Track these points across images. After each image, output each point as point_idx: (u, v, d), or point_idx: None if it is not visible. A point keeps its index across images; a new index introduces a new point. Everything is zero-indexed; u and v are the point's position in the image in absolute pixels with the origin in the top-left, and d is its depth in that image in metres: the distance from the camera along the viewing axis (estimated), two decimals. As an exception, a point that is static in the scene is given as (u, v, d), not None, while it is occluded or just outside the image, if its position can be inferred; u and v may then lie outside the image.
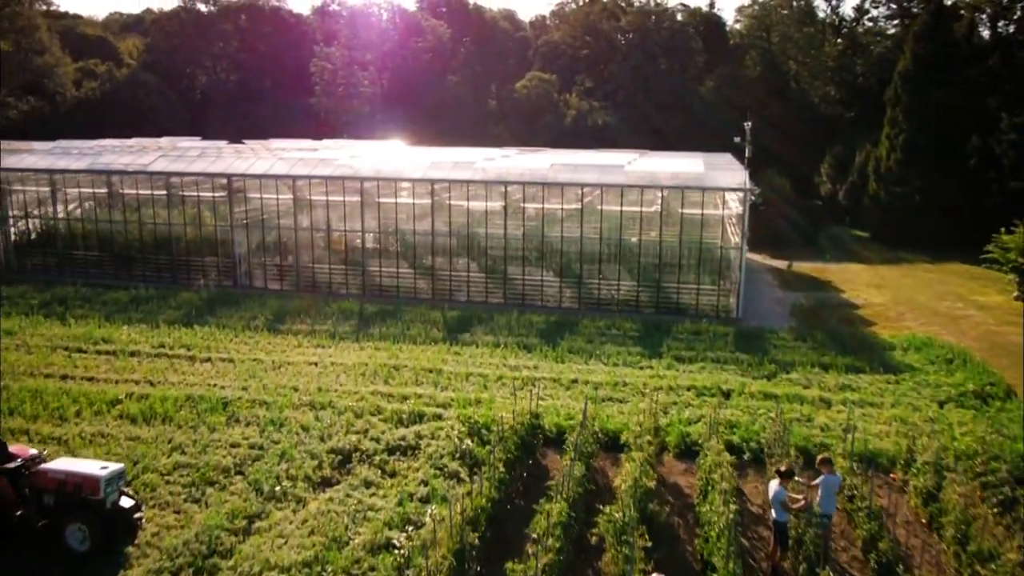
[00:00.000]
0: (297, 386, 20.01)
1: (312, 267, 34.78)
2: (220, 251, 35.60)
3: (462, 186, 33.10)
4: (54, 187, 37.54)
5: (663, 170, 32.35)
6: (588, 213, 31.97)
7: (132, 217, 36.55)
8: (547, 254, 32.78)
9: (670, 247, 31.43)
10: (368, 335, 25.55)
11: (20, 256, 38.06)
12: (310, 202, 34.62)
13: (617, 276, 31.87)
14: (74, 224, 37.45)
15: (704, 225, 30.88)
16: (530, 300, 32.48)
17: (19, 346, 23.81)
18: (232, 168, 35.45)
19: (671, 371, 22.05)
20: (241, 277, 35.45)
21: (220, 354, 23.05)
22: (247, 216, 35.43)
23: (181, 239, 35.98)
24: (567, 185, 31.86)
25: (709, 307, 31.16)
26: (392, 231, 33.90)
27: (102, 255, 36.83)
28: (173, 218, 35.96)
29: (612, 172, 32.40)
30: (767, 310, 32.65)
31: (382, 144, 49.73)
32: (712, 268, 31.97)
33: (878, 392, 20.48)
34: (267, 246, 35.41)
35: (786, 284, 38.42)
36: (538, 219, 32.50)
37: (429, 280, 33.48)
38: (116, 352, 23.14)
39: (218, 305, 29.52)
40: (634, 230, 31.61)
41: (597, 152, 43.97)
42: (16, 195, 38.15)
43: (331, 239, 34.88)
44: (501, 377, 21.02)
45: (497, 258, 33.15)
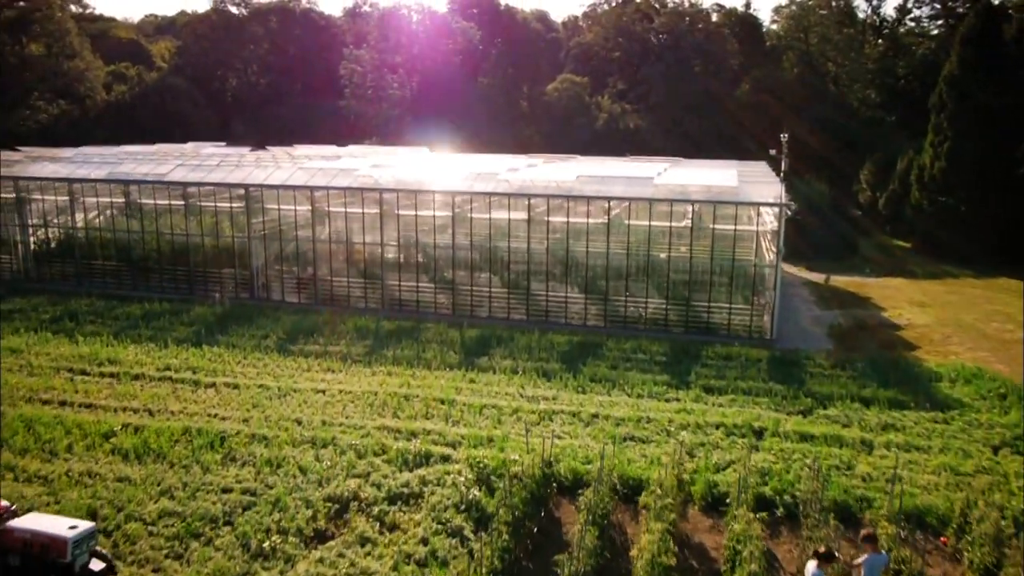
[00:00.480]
0: (301, 418, 18.95)
1: (331, 280, 33.84)
2: (238, 263, 34.85)
3: (484, 198, 31.94)
4: (73, 196, 37.04)
5: (694, 182, 30.86)
6: (615, 227, 30.61)
7: (150, 227, 35.96)
8: (572, 269, 31.48)
9: (701, 264, 29.96)
10: (382, 357, 24.44)
11: (39, 265, 37.67)
12: (328, 213, 33.70)
13: (645, 293, 30.46)
14: (92, 234, 36.95)
15: (737, 241, 29.36)
16: (554, 317, 31.21)
17: (22, 367, 23.11)
18: (250, 178, 34.63)
19: (699, 404, 20.62)
20: (258, 290, 34.64)
21: (226, 378, 22.10)
22: (265, 227, 34.62)
23: (198, 250, 35.29)
24: (593, 198, 30.51)
25: (741, 327, 29.64)
26: (412, 244, 32.82)
27: (120, 265, 36.31)
28: (190, 228, 35.24)
29: (641, 184, 30.99)
30: (803, 330, 31.02)
31: (406, 151, 48.77)
32: (745, 286, 30.43)
33: (925, 433, 18.85)
34: (285, 258, 34.58)
35: (823, 300, 36.67)
36: (563, 233, 31.19)
37: (450, 295, 32.35)
38: (120, 375, 22.31)
39: (231, 322, 28.65)
40: (663, 245, 30.17)
41: (626, 161, 42.54)
42: (36, 204, 37.74)
43: (350, 252, 33.90)
44: (517, 410, 19.77)
45: (520, 273, 31.92)
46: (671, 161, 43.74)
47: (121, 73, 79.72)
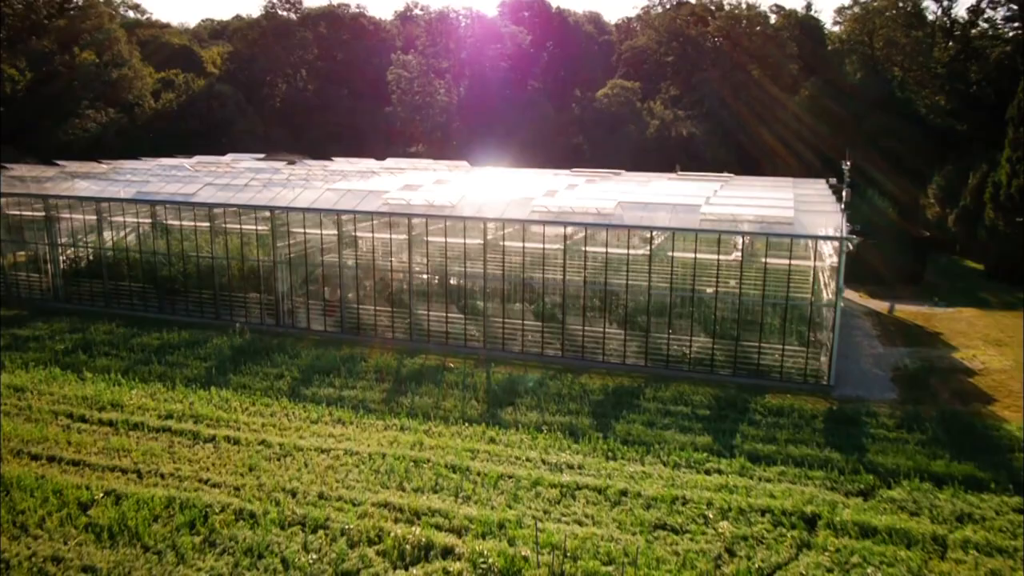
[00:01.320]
0: (297, 488, 17.22)
1: (357, 307, 32.27)
2: (263, 287, 33.56)
3: (517, 226, 29.93)
4: (100, 215, 36.23)
5: (745, 211, 28.33)
6: (657, 258, 28.31)
7: (176, 249, 34.94)
8: (610, 303, 29.29)
9: (751, 300, 27.48)
10: (398, 406, 22.64)
11: (68, 284, 36.99)
12: (355, 238, 32.11)
13: (689, 331, 28.08)
14: (119, 254, 36.10)
15: (792, 277, 26.79)
16: (590, 354, 29.07)
17: (22, 410, 21.95)
18: (276, 200, 33.25)
19: (744, 478, 18.27)
20: (284, 315, 33.27)
21: (228, 430, 20.56)
22: (291, 251, 33.21)
23: (224, 273, 34.12)
24: (634, 228, 28.25)
25: (795, 371, 27.07)
26: (441, 272, 31.01)
27: (146, 287, 35.37)
28: (216, 251, 34.06)
29: (686, 213, 28.60)
30: (863, 373, 28.28)
31: (444, 167, 47.01)
32: (800, 326, 27.84)
33: (1009, 529, 16.19)
34: (311, 283, 33.12)
35: (886, 335, 33.74)
36: (601, 263, 29.01)
37: (480, 326, 30.47)
38: (118, 424, 20.94)
39: (247, 357, 27.22)
40: (710, 279, 27.78)
41: (674, 179, 40.06)
42: (64, 222, 37.04)
43: (377, 278, 32.26)
44: (537, 482, 17.71)
45: (555, 305, 29.86)
46: (722, 179, 41.10)
47: (170, 80, 79.81)
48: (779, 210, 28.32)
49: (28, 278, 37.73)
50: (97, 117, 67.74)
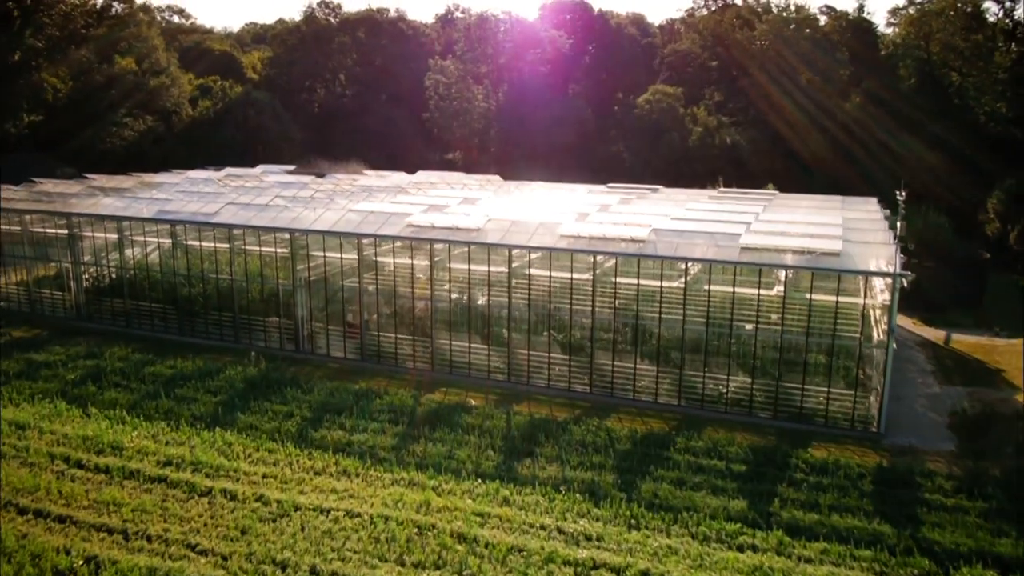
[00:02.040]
0: (288, 560, 15.85)
1: (377, 335, 31.00)
2: (283, 312, 32.49)
3: (543, 254, 28.31)
4: (121, 234, 35.57)
5: (789, 243, 26.32)
6: (693, 291, 26.47)
7: (196, 270, 34.06)
8: (642, 337, 27.52)
9: (794, 339, 25.51)
10: (409, 455, 21.22)
11: (90, 303, 36.43)
12: (376, 263, 30.81)
13: (727, 369, 26.19)
14: (140, 273, 35.39)
15: (839, 315, 24.72)
16: (620, 391, 27.35)
17: (19, 452, 21.05)
18: (296, 222, 32.13)
19: (782, 558, 16.41)
20: (303, 341, 32.15)
21: (227, 481, 19.35)
22: (310, 274, 32.06)
23: (243, 295, 33.15)
24: (668, 258, 26.42)
25: (841, 415, 25.04)
26: (464, 300, 29.53)
27: (166, 308, 34.59)
28: (235, 273, 33.08)
29: (725, 242, 26.68)
30: (917, 417, 26.11)
31: (475, 181, 45.56)
32: (847, 366, 25.78)
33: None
34: (331, 309, 31.94)
35: (943, 371, 31.38)
36: (632, 295, 27.26)
37: (505, 358, 28.95)
38: (114, 472, 19.88)
39: (258, 391, 26.10)
40: (749, 315, 25.86)
41: (715, 198, 38.00)
42: (87, 240, 36.46)
43: (397, 305, 30.93)
44: (550, 558, 16.06)
45: (583, 339, 28.19)
46: (765, 198, 38.95)
47: (208, 87, 79.85)
48: (826, 240, 26.27)
49: (52, 296, 37.29)
50: (135, 125, 67.83)
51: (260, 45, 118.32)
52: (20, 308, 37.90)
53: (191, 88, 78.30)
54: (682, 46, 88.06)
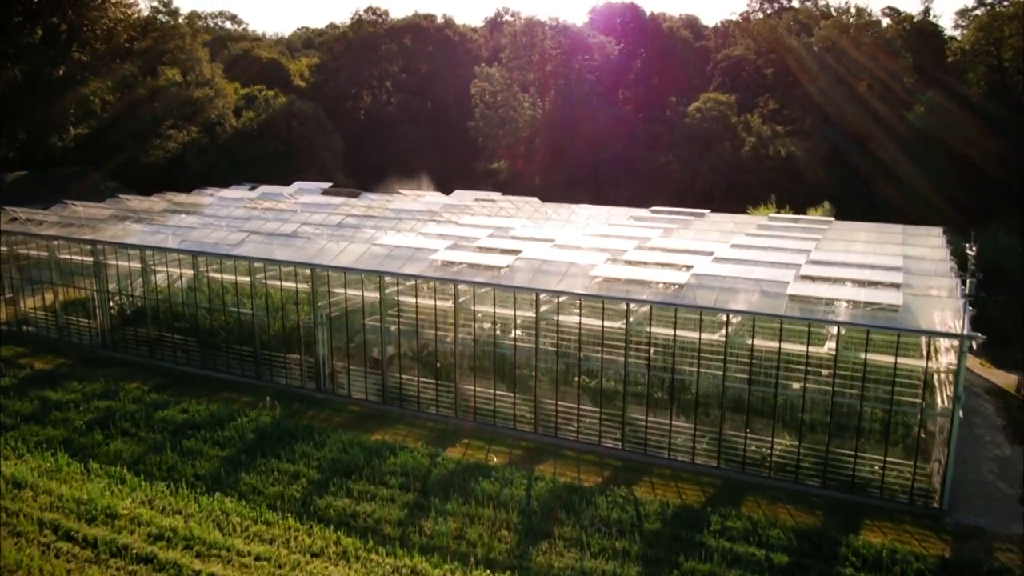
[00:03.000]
0: None
1: (399, 377, 29.45)
2: (304, 348, 31.22)
3: (573, 300, 26.37)
4: (145, 263, 34.75)
5: (843, 294, 23.92)
6: (735, 346, 24.27)
7: (217, 302, 33.04)
8: (678, 392, 25.42)
9: (846, 402, 23.15)
10: (416, 531, 19.57)
11: (115, 331, 35.75)
12: (398, 303, 29.26)
13: (771, 431, 23.94)
14: (163, 303, 34.53)
15: (897, 376, 22.30)
16: (655, 449, 25.33)
17: (10, 517, 20.02)
18: (318, 257, 30.81)
19: None
20: (324, 380, 30.83)
21: (217, 564, 17.97)
22: (331, 309, 30.69)
23: (264, 330, 31.98)
24: (708, 310, 24.26)
25: (899, 487, 22.61)
26: (489, 345, 27.77)
27: (188, 340, 33.68)
28: (256, 308, 31.92)
29: (772, 290, 24.42)
30: (985, 488, 23.54)
31: (511, 204, 43.75)
32: (906, 433, 23.34)
33: None
34: (353, 348, 30.52)
35: (1013, 425, 28.56)
36: (668, 347, 25.17)
37: (532, 407, 27.13)
38: (102, 546, 18.68)
39: (267, 445, 24.80)
40: (797, 374, 23.58)
41: (763, 232, 35.48)
42: (112, 268, 35.76)
43: (420, 347, 29.36)
44: None
45: (614, 392, 26.20)
46: (819, 227, 36.27)
47: (253, 96, 79.60)
48: (884, 291, 23.82)
49: (78, 323, 36.75)
50: (178, 137, 67.75)
51: (309, 51, 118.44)
52: (48, 334, 37.50)
53: (236, 98, 78.14)
54: (736, 52, 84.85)
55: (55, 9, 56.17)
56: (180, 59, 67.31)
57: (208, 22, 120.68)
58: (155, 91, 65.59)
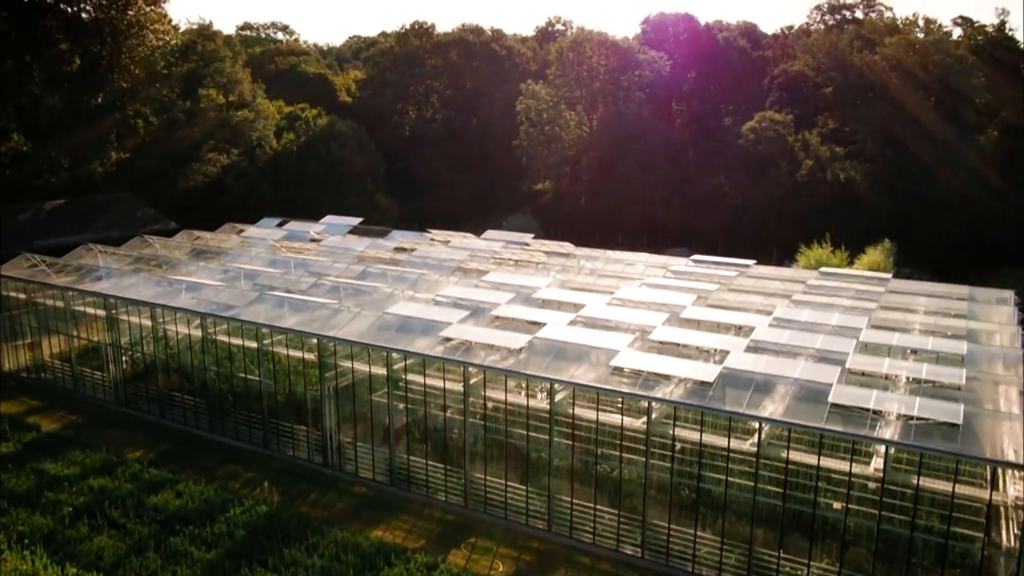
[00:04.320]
0: None
1: (408, 459, 27.54)
2: (311, 421, 29.56)
3: (586, 393, 24.03)
4: (155, 321, 33.56)
5: (892, 404, 21.06)
6: (768, 456, 21.64)
7: (225, 366, 31.61)
8: (704, 501, 22.87)
9: (894, 531, 20.31)
10: None
11: (127, 386, 34.81)
12: (406, 382, 27.31)
13: (807, 555, 21.25)
14: (172, 362, 33.33)
15: (955, 507, 19.42)
16: (677, 560, 22.91)
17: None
18: (325, 326, 29.09)
19: None
20: (331, 455, 29.14)
21: None
22: (338, 381, 28.92)
23: (272, 398, 30.44)
24: (736, 415, 21.67)
25: (955, 629, 19.72)
26: (500, 434, 25.62)
27: (198, 402, 32.46)
28: (264, 375, 30.40)
29: (812, 393, 21.71)
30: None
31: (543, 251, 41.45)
32: (965, 569, 20.38)
33: None
34: (360, 425, 28.70)
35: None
36: (693, 451, 22.66)
37: (546, 503, 24.90)
38: None
39: (255, 546, 23.12)
40: (837, 493, 20.86)
41: (814, 295, 32.48)
42: (122, 324, 34.71)
43: (429, 430, 27.35)
44: None
45: (634, 495, 23.78)
46: (875, 288, 33.09)
47: (296, 115, 78.93)
48: (941, 403, 20.86)
49: (93, 375, 35.89)
50: (218, 159, 67.25)
51: (359, 61, 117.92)
52: (64, 384, 36.84)
53: (278, 118, 77.53)
54: (794, 67, 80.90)
55: (93, 37, 55.85)
56: (220, 82, 66.70)
57: (260, 33, 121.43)
58: (194, 115, 65.16)
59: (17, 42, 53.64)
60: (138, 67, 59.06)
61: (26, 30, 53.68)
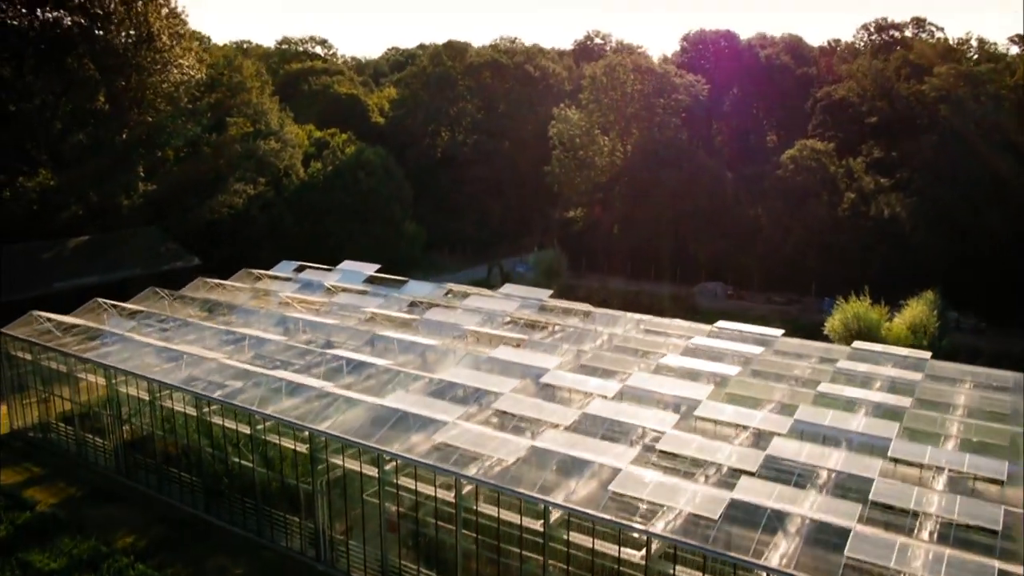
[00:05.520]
0: None
1: (400, 563, 26.10)
2: (303, 513, 28.33)
3: (586, 521, 22.27)
4: (152, 396, 32.65)
5: (917, 564, 18.91)
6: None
7: (220, 449, 30.57)
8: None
9: None
10: None
11: (127, 456, 34.14)
12: (397, 485, 25.84)
13: None
14: (169, 437, 32.42)
15: None
16: None
17: None
18: (319, 416, 27.92)
19: None
20: (325, 549, 27.95)
21: None
22: (330, 475, 27.63)
23: (265, 485, 29.29)
24: (744, 564, 19.71)
25: None
26: (492, 550, 24.02)
27: (194, 480, 31.53)
28: (257, 462, 29.27)
29: (828, 535, 19.69)
30: None
31: (558, 316, 39.65)
32: None
33: None
34: (351, 523, 27.36)
35: None
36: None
37: (541, 627, 23.25)
38: None
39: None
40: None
41: (844, 386, 30.18)
42: (122, 394, 33.91)
43: (419, 537, 25.86)
44: None
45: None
46: (911, 384, 30.62)
47: (325, 142, 78.20)
48: (975, 564, 18.66)
49: (95, 441, 35.29)
50: (244, 190, 66.68)
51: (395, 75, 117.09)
52: (68, 447, 36.49)
53: (307, 145, 76.85)
54: (838, 93, 77.59)
55: (117, 75, 55.54)
56: (247, 113, 66.11)
57: (298, 47, 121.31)
58: (220, 147, 64.65)
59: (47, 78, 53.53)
60: (162, 102, 58.62)
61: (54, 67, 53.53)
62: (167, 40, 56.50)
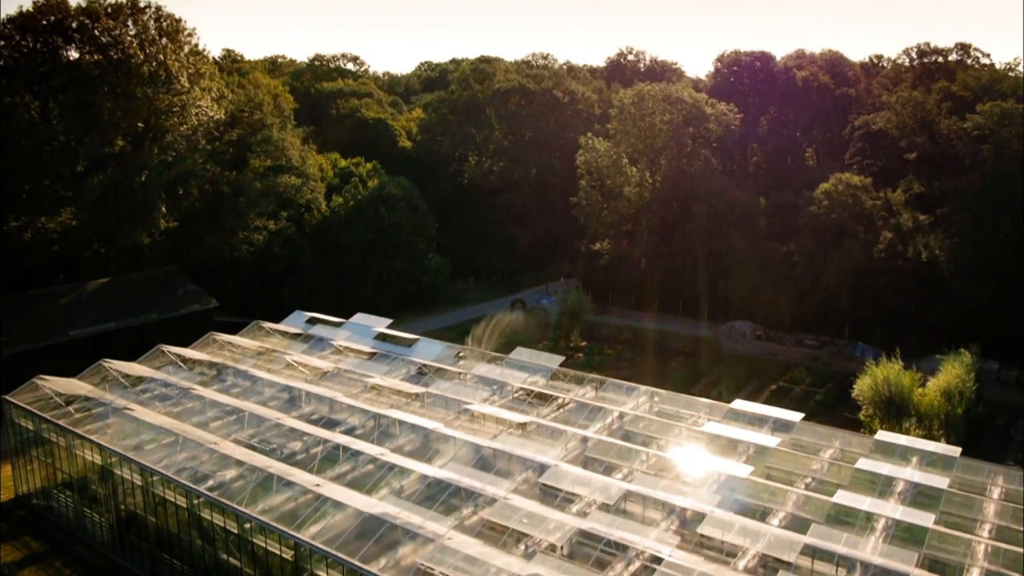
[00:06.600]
0: None
1: None
2: (292, 620, 27.33)
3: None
4: (145, 480, 31.98)
5: None
6: None
7: (209, 539, 29.74)
8: None
9: None
10: None
11: (122, 536, 33.57)
12: (381, 605, 24.69)
13: None
14: (161, 522, 31.71)
15: None
16: None
17: None
18: (303, 524, 26.84)
19: None
20: (311, 657, 26.79)
21: None
22: (320, 585, 26.56)
23: (254, 586, 28.38)
24: None
25: None
26: None
27: (185, 568, 30.73)
28: (244, 561, 28.36)
29: None
30: None
31: (575, 396, 38.15)
32: None
33: None
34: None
35: None
36: None
37: None
38: None
39: None
40: None
41: (868, 505, 28.21)
42: (116, 476, 33.32)
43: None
44: None
45: None
46: (938, 492, 28.57)
47: (349, 172, 77.68)
48: None
49: (92, 516, 34.80)
50: (266, 225, 66.30)
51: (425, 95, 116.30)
52: (68, 517, 36.22)
53: (331, 175, 76.37)
54: (877, 124, 74.66)
55: (135, 118, 55.38)
56: (268, 150, 65.70)
57: (330, 64, 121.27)
58: (239, 186, 64.27)
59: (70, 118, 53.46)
60: (181, 142, 58.37)
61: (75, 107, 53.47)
62: (185, 82, 56.12)
